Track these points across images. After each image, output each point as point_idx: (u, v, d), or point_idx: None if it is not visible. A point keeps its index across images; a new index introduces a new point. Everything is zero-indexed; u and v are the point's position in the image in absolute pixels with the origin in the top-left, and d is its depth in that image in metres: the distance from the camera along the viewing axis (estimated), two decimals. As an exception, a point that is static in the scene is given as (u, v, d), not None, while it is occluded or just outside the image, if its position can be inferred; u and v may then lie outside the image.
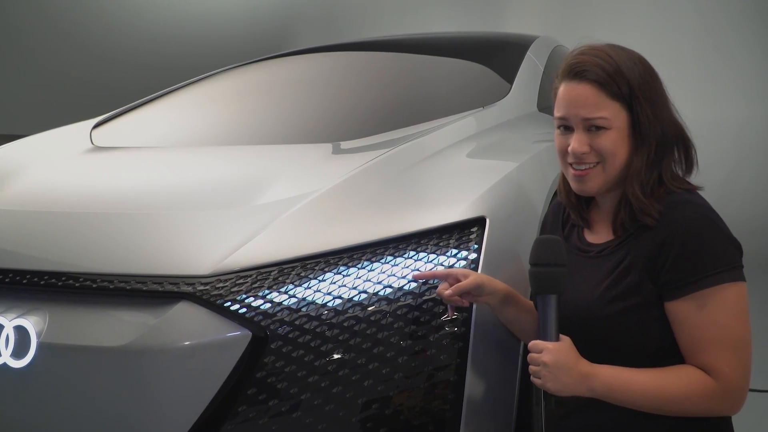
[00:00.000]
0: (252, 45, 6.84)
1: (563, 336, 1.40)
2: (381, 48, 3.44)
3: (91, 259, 1.70)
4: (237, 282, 1.60)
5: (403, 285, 1.60)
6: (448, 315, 1.58)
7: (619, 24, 6.40)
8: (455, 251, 1.64)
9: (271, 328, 1.55)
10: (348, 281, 1.60)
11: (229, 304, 1.57)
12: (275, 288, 1.59)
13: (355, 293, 1.59)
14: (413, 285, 1.60)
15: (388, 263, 1.62)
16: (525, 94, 2.67)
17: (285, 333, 1.55)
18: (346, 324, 1.56)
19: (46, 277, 1.67)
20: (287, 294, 1.59)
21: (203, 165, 2.23)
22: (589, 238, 1.58)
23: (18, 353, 1.61)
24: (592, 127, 1.47)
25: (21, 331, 1.62)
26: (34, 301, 1.67)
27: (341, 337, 1.55)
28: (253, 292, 1.58)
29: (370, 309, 1.57)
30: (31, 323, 1.62)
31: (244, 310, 1.56)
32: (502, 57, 3.04)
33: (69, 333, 1.61)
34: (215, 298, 1.57)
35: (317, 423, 1.51)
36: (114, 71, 7.66)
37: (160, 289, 1.59)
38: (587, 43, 1.54)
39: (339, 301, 1.58)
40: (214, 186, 1.98)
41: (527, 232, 1.78)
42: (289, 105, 2.79)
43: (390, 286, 1.59)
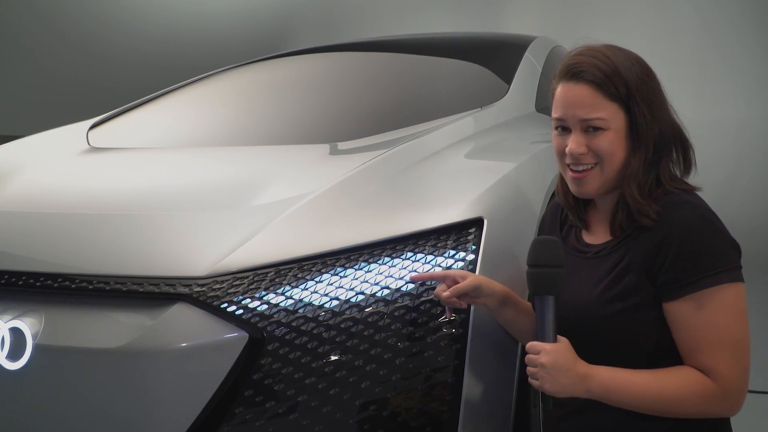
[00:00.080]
0: (250, 45, 6.83)
1: (561, 337, 1.40)
2: (379, 48, 3.43)
3: (88, 261, 1.69)
4: (234, 283, 1.59)
5: (401, 286, 1.59)
6: (446, 317, 1.57)
7: (618, 24, 6.39)
8: (453, 252, 1.64)
9: (268, 329, 1.54)
10: (345, 282, 1.60)
11: (226, 305, 1.56)
12: (272, 289, 1.59)
13: (353, 294, 1.58)
14: (411, 286, 1.59)
15: (385, 264, 1.62)
16: (523, 94, 2.67)
17: (282, 334, 1.54)
18: (343, 325, 1.55)
19: (42, 279, 1.67)
20: (284, 295, 1.58)
21: (200, 166, 2.22)
22: (587, 238, 1.58)
23: (13, 355, 1.61)
24: (589, 128, 1.47)
25: (17, 333, 1.61)
26: (29, 303, 1.67)
27: (338, 339, 1.54)
28: (250, 293, 1.58)
29: (367, 310, 1.57)
30: (27, 325, 1.62)
31: (240, 311, 1.56)
32: (500, 57, 3.03)
33: (65, 335, 1.60)
34: (212, 299, 1.57)
35: (314, 424, 1.51)
36: (112, 72, 7.65)
37: (156, 291, 1.59)
38: (585, 44, 1.53)
39: (336, 303, 1.57)
40: (211, 187, 1.98)
41: (525, 232, 1.77)
42: (287, 105, 2.79)
43: (387, 287, 1.59)
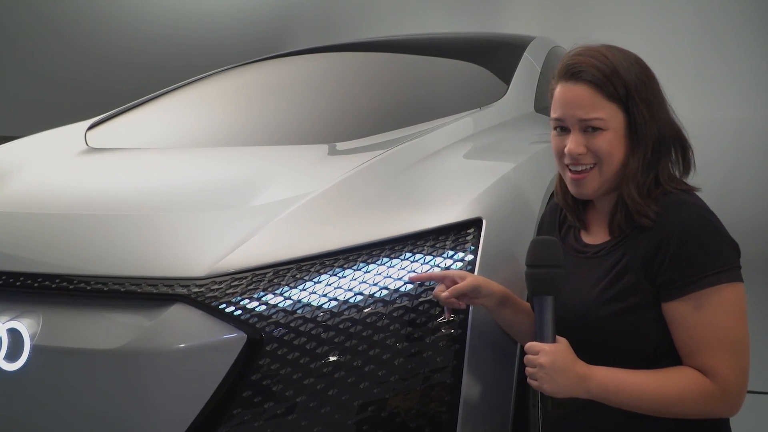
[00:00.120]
0: (249, 45, 6.83)
1: (560, 337, 1.40)
2: (378, 49, 3.43)
3: (85, 261, 1.69)
4: (232, 284, 1.59)
5: (400, 287, 1.59)
6: (444, 317, 1.57)
7: (617, 24, 6.39)
8: (452, 252, 1.63)
9: (267, 330, 1.54)
10: (344, 283, 1.59)
11: (224, 306, 1.56)
12: (271, 290, 1.58)
13: (351, 295, 1.58)
14: (409, 287, 1.59)
15: (384, 265, 1.61)
16: (522, 94, 2.67)
17: (280, 335, 1.54)
18: (341, 326, 1.55)
19: (39, 279, 1.66)
20: (283, 296, 1.58)
21: (198, 166, 2.22)
22: (586, 239, 1.57)
23: (11, 356, 1.60)
24: (588, 128, 1.47)
25: (14, 334, 1.61)
26: (27, 304, 1.66)
27: (337, 339, 1.54)
28: (249, 294, 1.58)
29: (366, 311, 1.56)
30: (25, 326, 1.61)
31: (239, 312, 1.55)
32: (499, 58, 3.03)
33: (63, 335, 1.60)
34: (210, 300, 1.56)
35: (313, 425, 1.50)
36: (110, 72, 7.64)
37: (154, 291, 1.58)
38: (584, 44, 1.53)
39: (335, 303, 1.57)
40: (209, 187, 1.98)
41: (524, 233, 1.77)
42: (286, 106, 2.78)
43: (386, 287, 1.59)
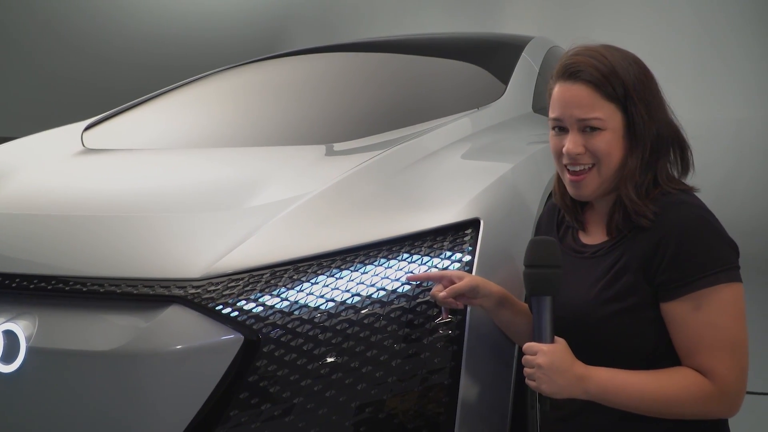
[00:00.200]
0: (247, 46, 6.82)
1: (558, 338, 1.39)
2: (376, 49, 3.42)
3: (81, 263, 1.68)
4: (229, 285, 1.58)
5: (397, 288, 1.58)
6: (441, 317, 1.57)
7: (616, 24, 6.39)
8: (449, 253, 1.63)
9: (264, 331, 1.54)
10: (341, 284, 1.59)
11: (221, 307, 1.55)
12: (267, 291, 1.58)
13: (349, 296, 1.57)
14: (407, 287, 1.59)
15: (381, 266, 1.61)
16: (520, 95, 2.66)
17: (277, 336, 1.53)
18: (339, 327, 1.54)
19: (35, 281, 1.66)
20: (280, 297, 1.57)
21: (195, 167, 2.21)
22: (584, 239, 1.57)
23: (7, 358, 1.59)
24: (586, 128, 1.46)
25: (10, 336, 1.60)
26: (23, 305, 1.66)
27: (334, 341, 1.53)
28: (245, 295, 1.57)
29: (363, 312, 1.56)
30: (21, 327, 1.61)
31: (236, 313, 1.55)
32: (497, 58, 3.03)
33: (59, 337, 1.59)
34: (207, 301, 1.56)
35: (310, 427, 1.50)
36: (106, 72, 7.63)
37: (150, 293, 1.58)
38: (582, 44, 1.53)
39: (332, 304, 1.57)
40: (205, 188, 1.97)
41: (522, 233, 1.77)
42: (283, 106, 2.78)
43: (383, 288, 1.58)
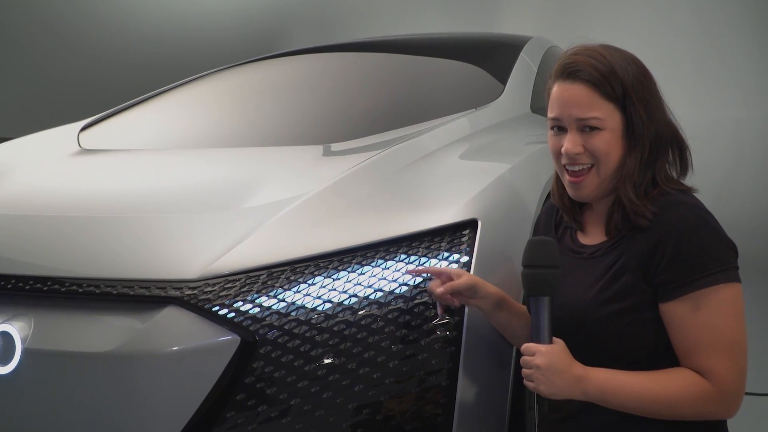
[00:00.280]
0: (244, 46, 6.82)
1: (556, 339, 1.39)
2: (373, 49, 3.42)
3: (78, 263, 1.67)
4: (225, 286, 1.58)
5: (395, 288, 1.58)
6: (437, 313, 1.56)
7: (615, 24, 6.39)
8: (447, 254, 1.63)
9: (260, 332, 1.53)
10: (338, 285, 1.58)
11: (218, 308, 1.55)
12: (264, 292, 1.57)
13: (346, 297, 1.57)
14: (404, 289, 1.58)
15: (378, 266, 1.60)
16: (518, 95, 2.66)
17: (274, 338, 1.53)
18: (336, 328, 1.54)
19: (31, 282, 1.65)
20: (276, 298, 1.57)
21: (192, 167, 2.21)
22: (582, 239, 1.57)
23: (3, 359, 1.59)
24: (585, 128, 1.46)
25: (6, 337, 1.59)
26: (19, 306, 1.65)
27: (331, 342, 1.53)
28: (242, 296, 1.56)
29: (360, 313, 1.55)
30: (16, 329, 1.60)
31: (232, 314, 1.54)
32: (495, 58, 3.02)
33: (55, 338, 1.59)
34: (203, 302, 1.55)
35: (307, 428, 1.49)
36: (103, 72, 7.62)
37: (147, 294, 1.57)
38: (581, 44, 1.53)
39: (329, 305, 1.56)
40: (203, 189, 1.97)
41: (520, 234, 1.76)
42: (281, 106, 2.77)
43: (381, 289, 1.58)
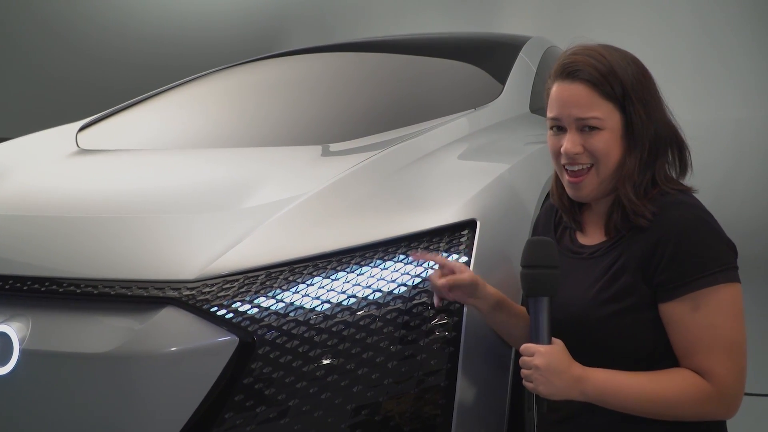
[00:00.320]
0: (243, 46, 6.80)
1: (555, 339, 1.39)
2: (372, 49, 3.42)
3: (75, 264, 1.67)
4: (224, 287, 1.57)
5: (393, 289, 1.58)
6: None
7: (614, 24, 6.37)
8: (446, 254, 1.62)
9: (259, 333, 1.53)
10: (337, 285, 1.58)
11: (216, 309, 1.54)
12: (263, 292, 1.57)
13: (344, 297, 1.56)
14: (403, 289, 1.58)
15: (377, 267, 1.60)
16: (517, 95, 2.65)
17: (273, 338, 1.52)
18: (335, 329, 1.53)
19: (29, 283, 1.65)
20: (275, 299, 1.56)
21: (190, 168, 2.20)
22: (582, 240, 1.56)
23: (0, 360, 1.58)
24: (585, 128, 1.46)
25: (3, 338, 1.59)
26: (16, 307, 1.64)
27: (330, 342, 1.52)
28: (240, 296, 1.56)
29: (359, 313, 1.55)
30: (14, 329, 1.60)
31: (230, 315, 1.54)
32: (494, 58, 3.02)
33: (52, 339, 1.58)
34: (201, 303, 1.55)
35: (306, 429, 1.49)
36: (101, 72, 7.59)
37: (145, 294, 1.57)
38: (580, 43, 1.53)
39: (328, 306, 1.56)
40: (201, 189, 1.96)
41: (519, 234, 1.76)
42: (279, 107, 2.77)
43: (380, 290, 1.57)
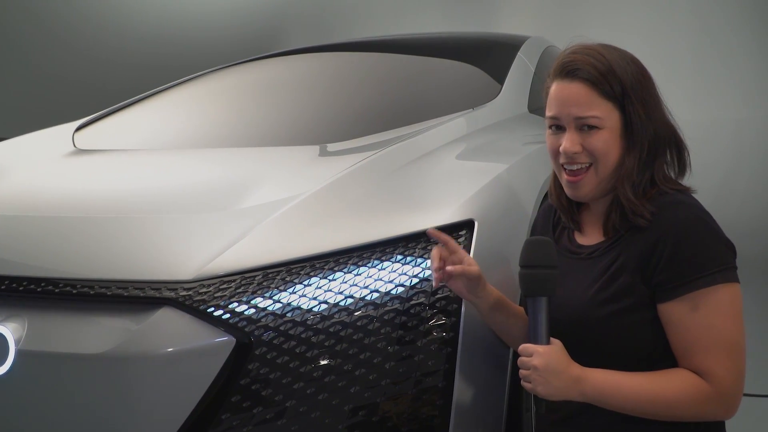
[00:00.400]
0: (241, 45, 6.79)
1: (554, 339, 1.38)
2: (371, 48, 3.41)
3: (71, 264, 1.66)
4: (221, 287, 1.57)
5: (391, 289, 1.57)
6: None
7: (613, 24, 6.37)
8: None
9: (256, 334, 1.52)
10: (334, 286, 1.58)
11: (213, 309, 1.54)
12: (260, 293, 1.56)
13: (342, 298, 1.56)
14: (401, 289, 1.57)
15: (375, 267, 1.59)
16: (515, 95, 2.65)
17: (270, 339, 1.52)
18: (332, 329, 1.53)
19: (24, 283, 1.64)
20: (272, 299, 1.56)
21: (187, 168, 2.20)
22: (580, 240, 1.56)
23: (-4, 361, 1.58)
24: (584, 127, 1.46)
25: (-1, 339, 1.58)
26: (12, 308, 1.64)
27: (327, 343, 1.52)
28: (237, 297, 1.56)
29: (356, 314, 1.55)
30: (10, 330, 1.59)
31: (227, 315, 1.53)
32: (492, 57, 3.02)
33: (48, 340, 1.58)
34: (198, 303, 1.54)
35: (303, 430, 1.48)
36: (99, 72, 7.58)
37: (141, 295, 1.56)
38: (579, 43, 1.52)
39: (325, 306, 1.55)
40: (198, 189, 1.96)
41: (517, 234, 1.76)
42: (277, 106, 2.76)
43: (377, 290, 1.57)
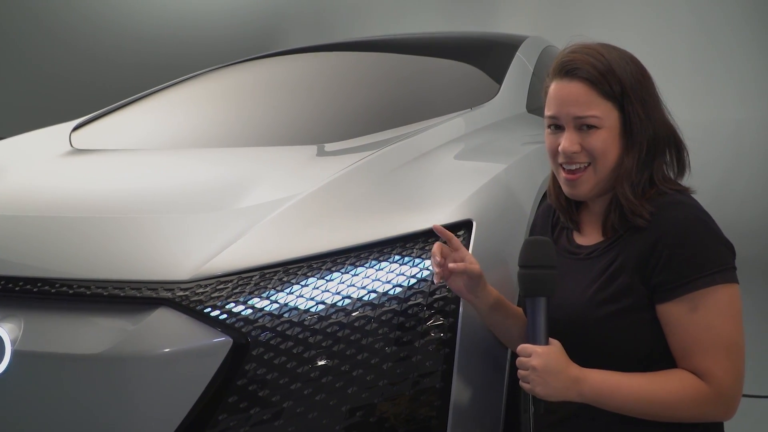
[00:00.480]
0: (239, 45, 6.79)
1: (553, 340, 1.38)
2: (369, 48, 3.41)
3: (68, 264, 1.66)
4: (217, 287, 1.57)
5: (388, 290, 1.57)
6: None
7: (613, 24, 6.37)
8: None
9: (253, 334, 1.52)
10: (332, 286, 1.57)
11: (209, 310, 1.53)
12: (257, 293, 1.56)
13: (339, 298, 1.56)
14: (398, 290, 1.57)
15: (372, 267, 1.59)
16: (514, 95, 2.65)
17: (267, 339, 1.52)
18: (329, 330, 1.53)
19: (21, 283, 1.64)
20: (269, 299, 1.55)
21: (184, 167, 2.20)
22: (579, 240, 1.56)
23: (-8, 361, 1.57)
24: (583, 126, 1.46)
25: (-5, 339, 1.58)
26: (9, 308, 1.63)
27: (325, 344, 1.52)
28: (234, 297, 1.55)
29: (354, 314, 1.54)
30: (6, 330, 1.58)
31: (224, 316, 1.53)
32: (491, 57, 3.01)
33: (45, 340, 1.57)
34: (195, 303, 1.54)
35: (300, 431, 1.47)
36: (97, 72, 7.58)
37: (138, 295, 1.56)
38: (579, 42, 1.52)
39: (322, 307, 1.55)
40: (194, 189, 1.95)
41: (515, 235, 1.76)
42: (275, 106, 2.76)
43: (375, 291, 1.56)
